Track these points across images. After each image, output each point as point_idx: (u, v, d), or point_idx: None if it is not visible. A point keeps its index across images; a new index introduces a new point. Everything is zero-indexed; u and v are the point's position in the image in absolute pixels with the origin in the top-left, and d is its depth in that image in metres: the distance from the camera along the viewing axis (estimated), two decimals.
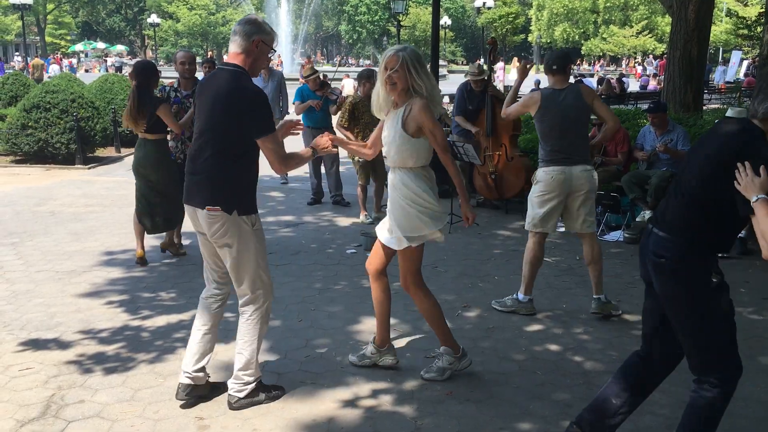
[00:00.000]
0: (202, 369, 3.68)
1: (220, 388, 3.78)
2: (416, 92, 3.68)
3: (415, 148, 3.73)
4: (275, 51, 3.67)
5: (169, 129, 6.01)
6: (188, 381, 3.64)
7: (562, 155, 4.84)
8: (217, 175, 3.41)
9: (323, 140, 3.74)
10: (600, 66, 54.87)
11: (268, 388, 3.75)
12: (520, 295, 5.05)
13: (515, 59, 45.73)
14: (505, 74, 37.85)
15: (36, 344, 4.41)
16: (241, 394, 3.61)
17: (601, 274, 4.98)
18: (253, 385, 3.64)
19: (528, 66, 5.55)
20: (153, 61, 7.31)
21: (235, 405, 3.62)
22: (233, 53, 3.45)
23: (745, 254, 6.45)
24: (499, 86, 25.18)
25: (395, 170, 3.83)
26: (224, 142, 3.41)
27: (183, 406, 3.64)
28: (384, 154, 3.90)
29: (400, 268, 3.89)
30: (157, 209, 6.04)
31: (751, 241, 6.54)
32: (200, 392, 3.69)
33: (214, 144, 3.42)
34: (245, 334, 3.58)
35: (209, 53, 52.16)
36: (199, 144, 3.48)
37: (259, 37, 3.44)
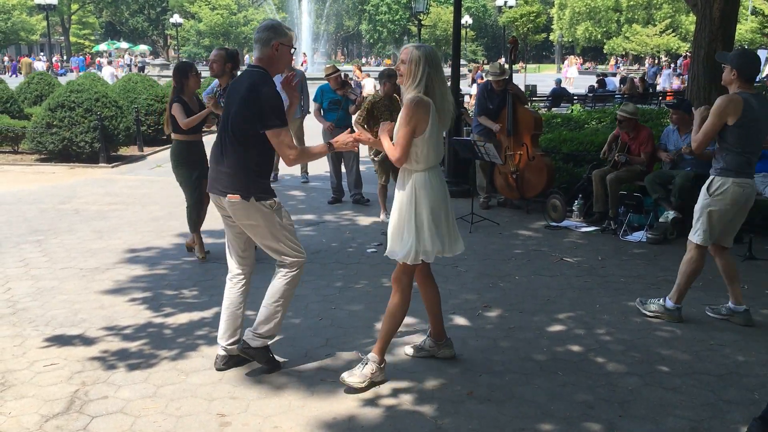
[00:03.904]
0: (236, 341, 3.99)
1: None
2: (427, 91, 3.63)
3: (416, 146, 3.67)
4: (296, 48, 3.83)
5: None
6: (224, 353, 4.02)
7: (752, 167, 4.65)
8: (234, 166, 3.73)
9: (344, 137, 3.88)
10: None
11: (272, 357, 4.02)
12: (669, 302, 4.89)
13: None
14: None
15: (60, 340, 4.46)
16: (253, 343, 3.91)
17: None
18: (267, 341, 3.95)
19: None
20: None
21: (243, 350, 3.92)
22: (256, 58, 3.79)
23: None
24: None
25: (402, 171, 3.80)
26: (240, 135, 3.71)
27: (219, 370, 3.99)
28: None
29: (401, 267, 3.86)
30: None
31: None
32: (235, 362, 4.01)
33: (232, 137, 3.73)
34: (275, 292, 3.89)
35: None
36: (221, 137, 3.83)
37: (277, 41, 3.75)
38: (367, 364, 3.84)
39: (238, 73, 5.83)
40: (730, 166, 4.59)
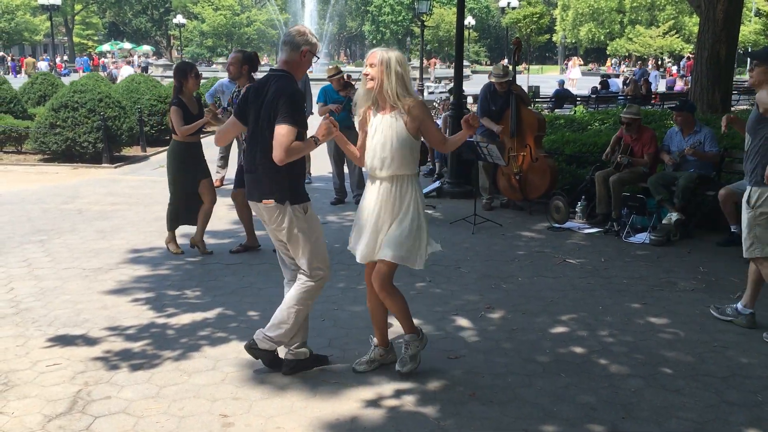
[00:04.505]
0: (303, 345, 4.00)
1: (321, 360, 4.11)
2: (407, 94, 3.68)
3: (417, 151, 3.77)
4: (318, 57, 3.98)
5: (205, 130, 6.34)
6: (291, 357, 3.98)
7: None
8: (268, 171, 3.74)
9: (323, 127, 3.74)
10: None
11: (277, 358, 4.01)
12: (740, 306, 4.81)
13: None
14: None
15: (63, 340, 4.46)
16: (261, 345, 3.90)
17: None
18: (276, 347, 3.94)
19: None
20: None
21: (250, 348, 3.93)
22: (282, 60, 3.84)
23: None
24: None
25: (393, 179, 3.75)
26: (271, 140, 3.66)
27: (286, 374, 3.97)
28: (375, 163, 3.76)
29: (380, 273, 3.80)
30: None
31: None
32: (304, 366, 4.01)
33: (263, 143, 3.71)
34: (292, 299, 3.87)
35: None
36: (251, 144, 3.85)
37: (307, 47, 3.82)
38: (409, 345, 3.98)
39: (255, 75, 5.89)
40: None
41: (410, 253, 3.77)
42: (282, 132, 3.60)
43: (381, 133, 3.75)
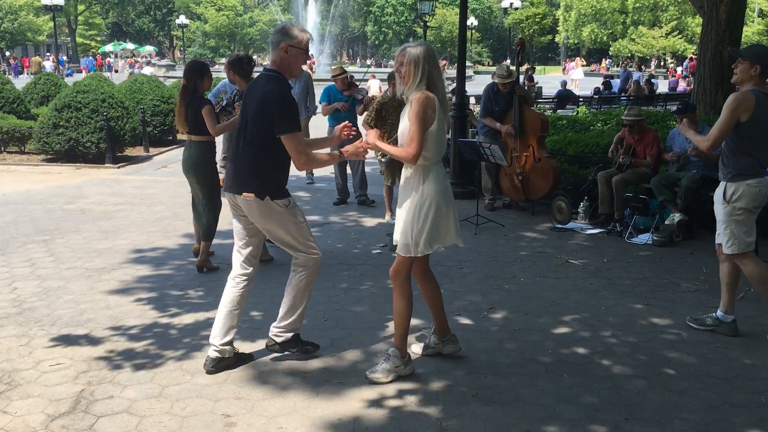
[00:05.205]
0: (229, 343, 4.02)
1: (245, 358, 4.15)
2: (429, 88, 3.70)
3: (424, 142, 3.71)
4: (307, 51, 3.95)
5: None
6: (216, 354, 3.99)
7: (763, 168, 4.48)
8: (251, 165, 3.83)
9: (355, 146, 3.94)
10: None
11: (303, 342, 4.19)
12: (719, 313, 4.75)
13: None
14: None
15: (66, 340, 4.47)
16: (279, 339, 4.09)
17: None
18: (291, 335, 4.10)
19: None
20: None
21: (271, 348, 4.13)
22: (270, 61, 3.92)
23: None
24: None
25: (409, 168, 3.84)
26: (257, 137, 3.79)
27: (209, 373, 3.99)
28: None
29: (399, 260, 3.90)
30: (202, 209, 5.94)
31: None
32: (227, 364, 4.03)
33: (249, 138, 3.83)
34: (292, 289, 4.05)
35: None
36: (238, 138, 3.92)
37: (286, 43, 3.81)
38: (389, 359, 3.94)
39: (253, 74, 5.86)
40: (741, 169, 4.46)
41: (404, 240, 3.82)
42: (291, 143, 3.75)
43: (401, 122, 3.84)
